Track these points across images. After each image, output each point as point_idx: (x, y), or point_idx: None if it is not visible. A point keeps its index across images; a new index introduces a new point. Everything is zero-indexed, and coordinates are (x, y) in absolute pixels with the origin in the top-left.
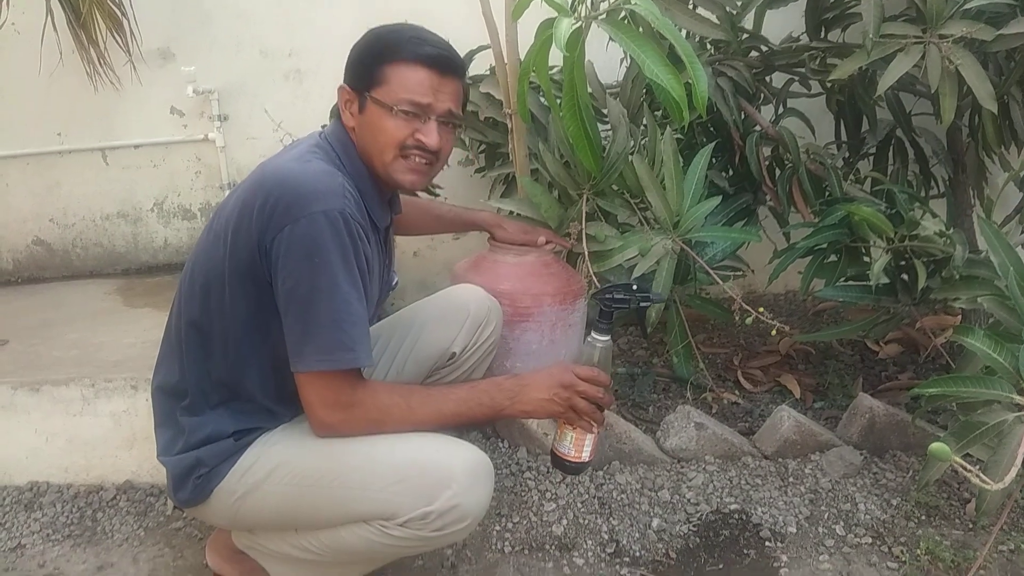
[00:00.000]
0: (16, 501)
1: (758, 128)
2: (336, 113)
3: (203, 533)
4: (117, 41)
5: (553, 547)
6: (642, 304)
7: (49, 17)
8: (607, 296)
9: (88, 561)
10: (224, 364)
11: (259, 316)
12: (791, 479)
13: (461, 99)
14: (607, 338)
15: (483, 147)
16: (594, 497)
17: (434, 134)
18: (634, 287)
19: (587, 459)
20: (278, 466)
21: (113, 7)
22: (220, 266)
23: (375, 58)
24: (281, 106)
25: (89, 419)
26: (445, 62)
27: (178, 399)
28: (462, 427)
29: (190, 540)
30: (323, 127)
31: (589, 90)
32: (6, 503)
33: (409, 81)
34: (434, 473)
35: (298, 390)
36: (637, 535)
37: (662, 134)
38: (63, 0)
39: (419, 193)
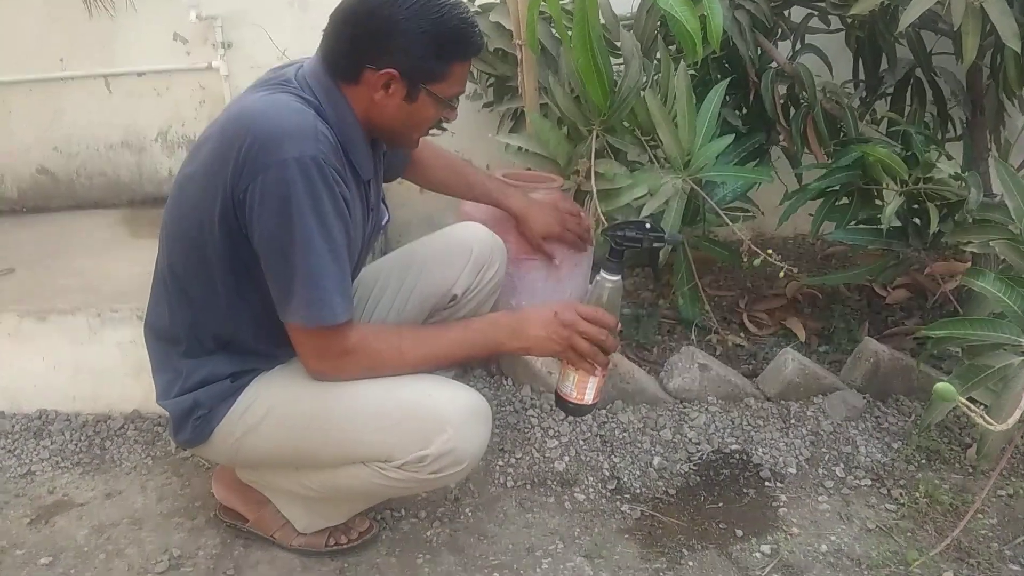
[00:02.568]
0: (25, 428)
1: (774, 65)
2: (345, 74)
3: (209, 463)
4: None
5: (555, 483)
6: (655, 244)
7: None
8: (618, 233)
9: (96, 488)
10: (214, 314)
11: (242, 267)
12: (793, 421)
13: None
14: (617, 277)
15: (491, 80)
16: (596, 435)
17: (456, 112)
18: (647, 225)
19: (590, 402)
20: (274, 407)
21: None
22: (198, 220)
23: (446, 54)
24: (286, 34)
25: (96, 348)
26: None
27: (173, 344)
28: (463, 364)
29: (197, 469)
30: (297, 64)
31: (602, 21)
32: (15, 430)
33: (462, 76)
34: (429, 417)
35: (290, 338)
36: (638, 473)
37: (676, 69)
38: None
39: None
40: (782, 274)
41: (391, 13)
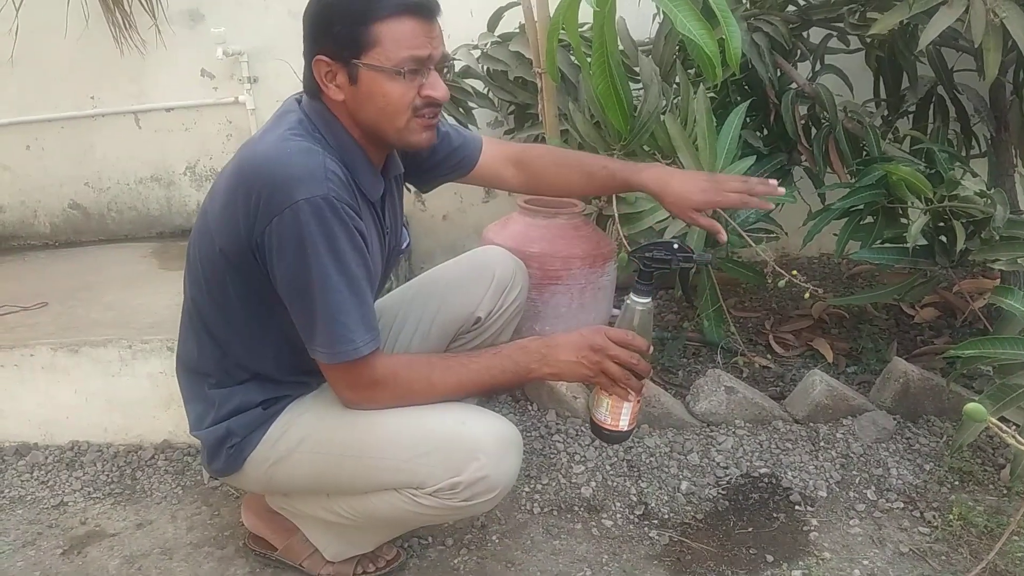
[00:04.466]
0: (58, 460)
1: (794, 86)
2: (312, 90)
3: (238, 492)
4: (142, 3)
5: (582, 508)
6: (683, 265)
7: None
8: (647, 255)
9: (128, 518)
10: (238, 349)
11: (262, 305)
12: (822, 443)
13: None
14: (647, 300)
15: (512, 108)
16: (623, 460)
17: (441, 85)
18: (675, 246)
19: (625, 428)
20: (308, 436)
21: None
22: (218, 263)
23: (355, 19)
24: None
25: (127, 380)
26: (428, 4)
27: (203, 376)
28: (492, 392)
29: (226, 499)
30: (300, 95)
31: (620, 47)
32: (48, 462)
33: (404, 36)
34: (462, 444)
35: (321, 370)
36: (666, 498)
37: (695, 92)
38: None
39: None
40: (807, 295)
41: (311, 4)
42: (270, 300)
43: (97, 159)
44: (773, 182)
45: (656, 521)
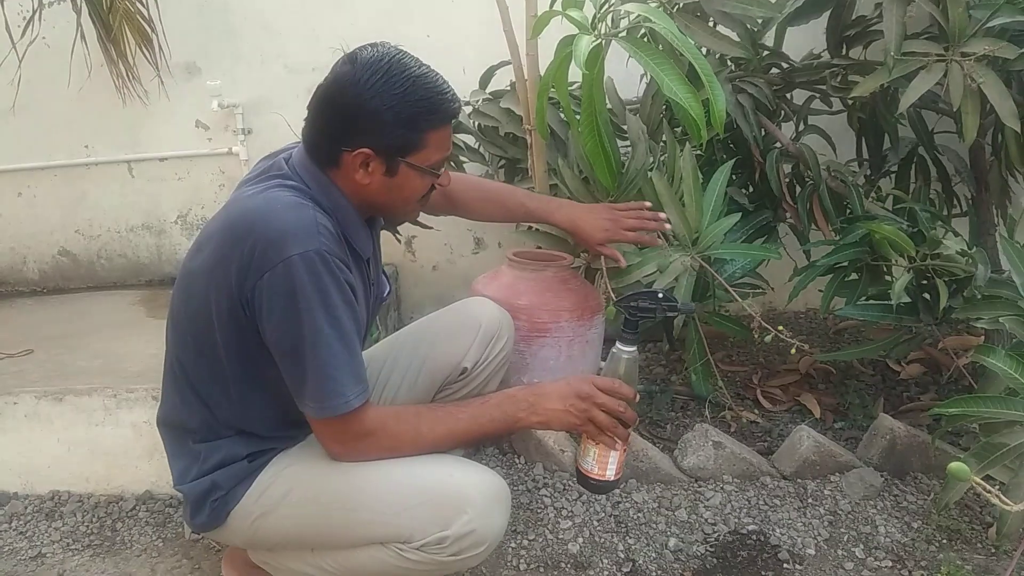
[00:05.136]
0: (38, 510)
1: (778, 145)
2: (324, 163)
3: (220, 546)
4: (146, 55)
5: (569, 565)
6: (668, 314)
7: (79, 32)
8: (632, 304)
9: (107, 571)
10: (227, 407)
11: (253, 363)
12: (810, 500)
13: None
14: (633, 348)
15: (503, 162)
16: (610, 515)
17: (448, 175)
18: (660, 295)
19: (612, 478)
20: (293, 488)
21: (143, 22)
22: (206, 319)
23: (413, 125)
24: (303, 120)
25: (111, 429)
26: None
27: (187, 433)
28: (480, 442)
29: (208, 552)
30: (285, 153)
31: (608, 106)
32: (28, 512)
33: (442, 141)
34: (450, 498)
35: (310, 424)
36: (654, 555)
37: (681, 150)
38: (93, 15)
39: None
40: (794, 350)
41: (357, 94)
42: (259, 356)
43: (89, 207)
44: (663, 216)
45: None
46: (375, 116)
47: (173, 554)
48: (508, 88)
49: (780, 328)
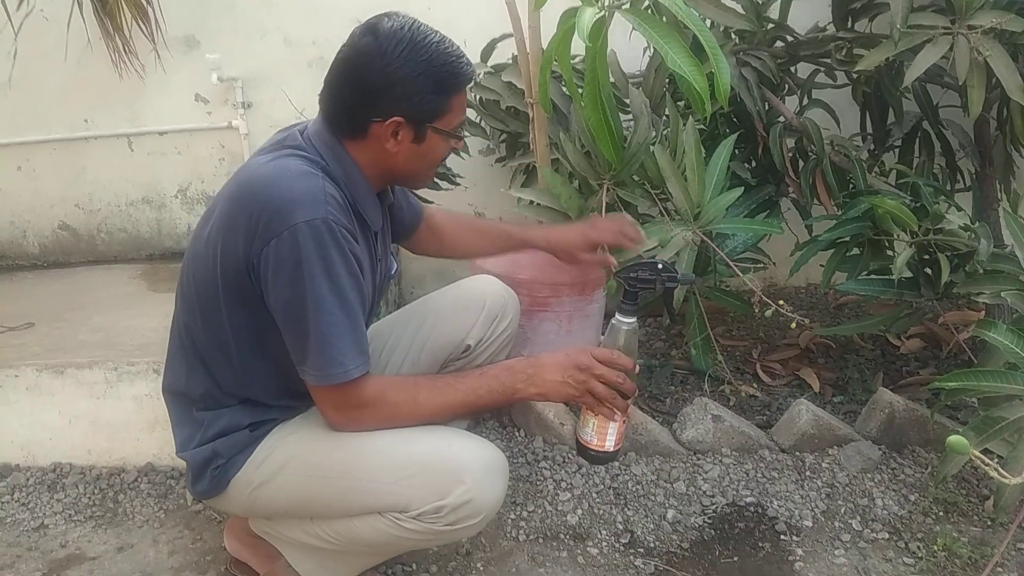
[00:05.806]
0: (40, 482)
1: (782, 119)
2: (346, 132)
3: (222, 517)
4: (142, 29)
5: (568, 536)
6: (668, 285)
7: (76, 5)
8: (631, 275)
9: (109, 542)
10: (230, 374)
11: (257, 329)
12: (808, 473)
13: None
14: (632, 320)
15: (504, 136)
16: (609, 488)
17: (462, 140)
18: (660, 266)
19: (611, 448)
20: (293, 457)
21: None
22: (213, 285)
23: (442, 90)
24: (304, 94)
25: (112, 402)
26: None
27: (191, 401)
28: (479, 413)
29: (209, 523)
30: (301, 125)
31: (611, 80)
32: (30, 483)
33: (461, 105)
34: (448, 468)
35: (310, 392)
36: (652, 526)
37: (684, 124)
38: None
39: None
40: (794, 324)
41: (385, 64)
42: (263, 323)
43: (88, 181)
44: (642, 234)
45: (642, 550)
46: (406, 84)
47: (175, 525)
48: (510, 61)
49: (781, 303)
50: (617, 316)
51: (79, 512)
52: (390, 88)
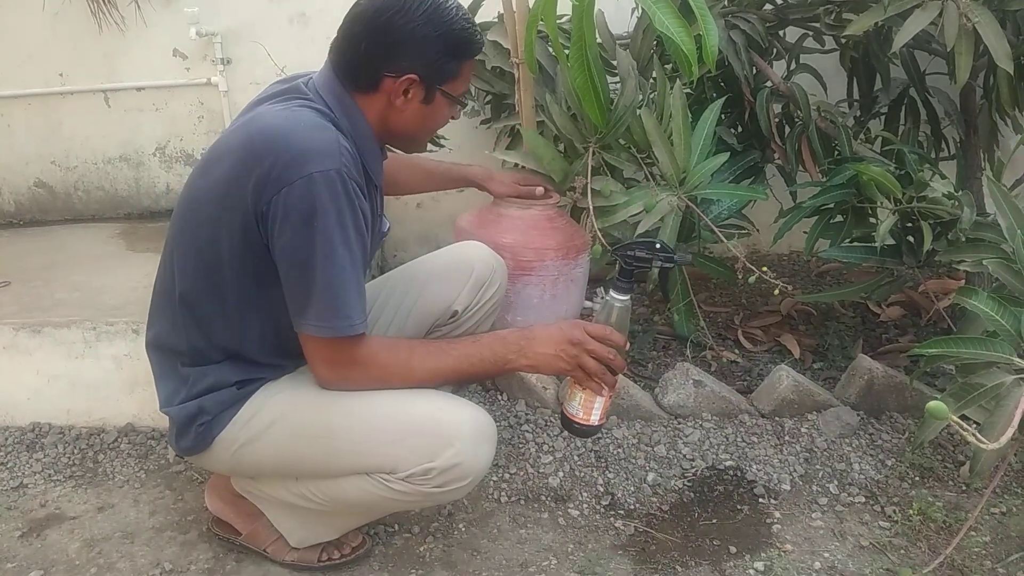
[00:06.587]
0: (18, 441)
1: (769, 84)
2: (360, 86)
3: (203, 476)
4: None
5: (549, 498)
6: (664, 265)
7: None
8: (628, 254)
9: (89, 501)
10: (221, 330)
11: (253, 283)
12: (787, 438)
13: None
14: (626, 298)
15: (489, 97)
16: (591, 451)
17: (457, 110)
18: (657, 245)
19: (596, 422)
20: (280, 417)
21: None
22: (214, 233)
23: (455, 53)
24: (285, 50)
25: (91, 362)
26: None
27: (177, 356)
28: (466, 382)
29: (190, 483)
30: (304, 77)
31: (598, 40)
32: (8, 443)
33: (469, 73)
34: (438, 430)
35: (302, 346)
36: (632, 489)
37: (671, 88)
38: None
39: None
40: (776, 291)
41: (405, 22)
42: (264, 274)
43: (65, 137)
44: (540, 190)
45: (622, 512)
46: (425, 43)
47: (156, 485)
48: (495, 20)
49: (764, 269)
50: (611, 293)
51: (59, 472)
52: (409, 45)
